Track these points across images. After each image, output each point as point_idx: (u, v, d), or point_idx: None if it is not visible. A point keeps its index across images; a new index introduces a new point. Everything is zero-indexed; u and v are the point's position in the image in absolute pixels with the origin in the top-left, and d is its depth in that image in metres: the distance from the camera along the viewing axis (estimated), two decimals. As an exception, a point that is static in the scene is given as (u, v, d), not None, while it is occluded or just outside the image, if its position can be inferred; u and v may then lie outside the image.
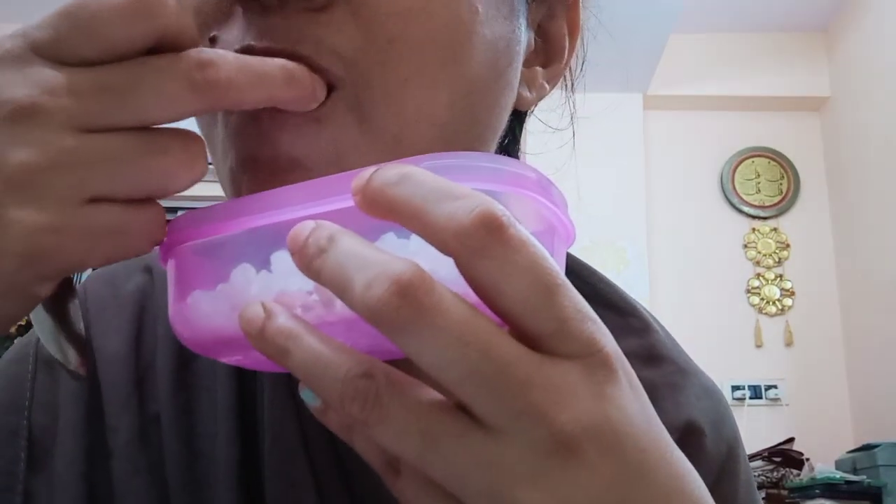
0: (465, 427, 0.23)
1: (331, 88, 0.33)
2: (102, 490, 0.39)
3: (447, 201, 0.23)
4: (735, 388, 2.91)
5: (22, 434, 0.41)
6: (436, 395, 0.24)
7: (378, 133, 0.34)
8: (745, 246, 3.13)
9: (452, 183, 0.23)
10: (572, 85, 0.50)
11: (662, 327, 0.52)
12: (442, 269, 0.24)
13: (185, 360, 0.42)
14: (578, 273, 0.52)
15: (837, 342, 3.00)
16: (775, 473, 2.57)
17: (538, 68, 0.43)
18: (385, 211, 0.23)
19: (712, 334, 2.91)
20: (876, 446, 2.37)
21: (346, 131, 0.33)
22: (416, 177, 0.23)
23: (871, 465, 2.35)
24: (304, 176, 0.32)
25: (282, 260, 0.27)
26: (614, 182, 3.01)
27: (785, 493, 2.49)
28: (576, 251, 0.48)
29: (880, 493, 2.28)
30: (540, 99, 0.44)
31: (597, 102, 0.58)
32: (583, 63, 0.50)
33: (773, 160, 3.22)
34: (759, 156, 3.23)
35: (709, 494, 0.27)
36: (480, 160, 0.25)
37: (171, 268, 0.30)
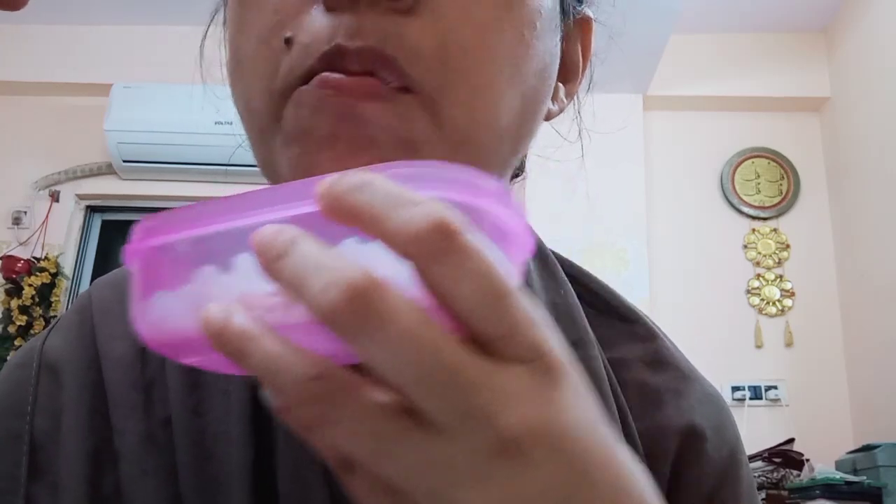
0: (414, 428, 0.24)
1: (407, 89, 0.36)
2: (107, 492, 0.39)
3: (404, 208, 0.23)
4: (735, 388, 2.91)
5: (24, 438, 0.41)
6: (388, 396, 0.24)
7: (449, 132, 0.37)
8: (745, 246, 3.13)
9: (410, 191, 0.24)
10: (579, 104, 0.53)
11: (665, 335, 0.52)
12: (400, 274, 0.24)
13: None
14: (582, 281, 0.53)
15: (837, 343, 2.99)
16: (775, 474, 2.57)
17: (560, 84, 0.47)
18: (346, 216, 0.24)
19: (712, 335, 2.91)
20: (876, 447, 2.37)
21: (421, 126, 0.36)
22: (376, 184, 0.24)
23: (871, 465, 2.35)
24: (378, 156, 0.35)
25: (246, 262, 0.27)
26: (614, 183, 3.01)
27: (785, 493, 2.49)
28: (576, 252, 0.48)
29: (880, 493, 2.28)
30: (560, 112, 0.48)
31: (597, 103, 0.58)
32: (590, 84, 0.52)
33: (773, 161, 3.22)
34: (759, 156, 3.23)
35: (657, 496, 0.28)
36: (441, 170, 0.26)
37: (135, 268, 0.30)
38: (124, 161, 3.05)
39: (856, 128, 2.97)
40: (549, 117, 0.46)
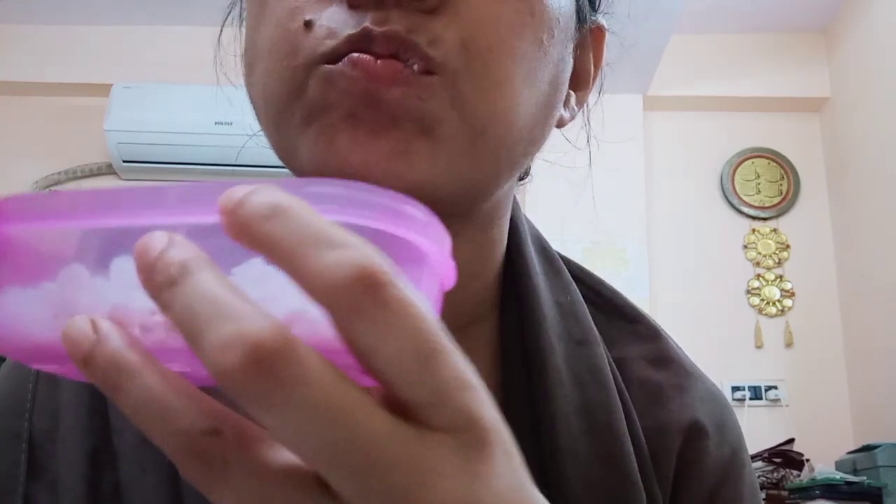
0: (318, 502, 0.21)
1: (430, 72, 0.36)
2: (106, 491, 0.39)
3: (323, 249, 0.20)
4: (735, 388, 2.90)
5: (23, 437, 0.41)
6: (290, 458, 0.22)
7: (469, 117, 0.37)
8: (745, 247, 3.13)
9: (331, 226, 0.21)
10: (588, 111, 0.53)
11: (668, 335, 0.53)
12: (313, 308, 0.21)
13: None
14: (586, 282, 0.53)
15: (838, 343, 2.99)
16: (775, 474, 2.57)
17: (571, 92, 0.47)
18: (254, 244, 0.21)
19: (712, 335, 2.91)
20: (876, 447, 2.37)
21: (441, 106, 0.36)
22: (292, 214, 0.21)
23: (872, 465, 2.34)
24: (397, 138, 0.35)
25: (124, 268, 0.23)
26: (614, 183, 3.01)
27: (785, 493, 2.49)
28: (576, 252, 0.48)
29: (880, 494, 2.28)
30: (571, 120, 0.48)
31: (593, 99, 0.59)
32: (600, 92, 0.53)
33: (773, 161, 3.22)
34: (759, 157, 3.22)
35: None
36: (363, 193, 0.23)
37: None
38: (124, 161, 3.04)
39: (856, 128, 2.96)
40: (560, 124, 0.47)
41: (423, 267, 0.24)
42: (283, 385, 0.19)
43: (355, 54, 0.35)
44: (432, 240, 0.24)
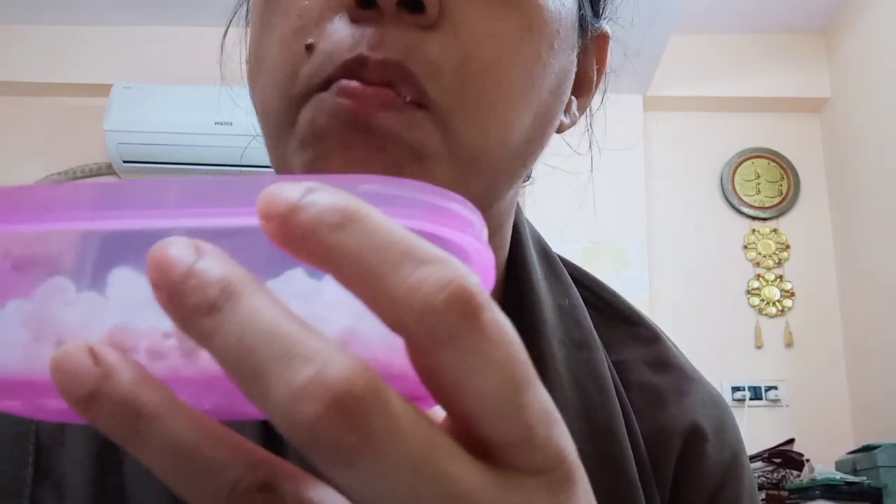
0: None
1: (422, 106, 0.36)
2: (111, 493, 0.40)
3: (408, 266, 0.17)
4: (735, 389, 2.90)
5: (30, 439, 0.41)
6: None
7: (460, 148, 0.37)
8: (745, 247, 3.13)
9: (414, 238, 0.18)
10: (591, 117, 0.54)
11: (668, 338, 0.53)
12: (364, 325, 0.18)
13: None
14: (586, 285, 0.54)
15: (838, 343, 2.99)
16: (775, 474, 2.57)
17: (573, 97, 0.47)
18: (315, 258, 0.18)
19: (712, 335, 2.91)
20: (876, 447, 2.37)
21: (432, 140, 0.36)
22: (367, 222, 0.17)
23: (872, 466, 2.34)
24: (388, 162, 0.35)
25: (125, 282, 0.19)
26: (614, 183, 3.01)
27: (785, 494, 2.49)
28: (576, 253, 0.49)
29: (880, 494, 2.28)
30: (572, 126, 0.48)
31: (596, 103, 0.59)
32: (603, 97, 0.53)
33: (773, 161, 3.22)
34: (758, 157, 3.22)
35: None
36: (401, 188, 0.19)
37: None
38: (124, 161, 3.04)
39: (856, 128, 2.96)
40: (560, 130, 0.47)
41: (481, 271, 0.21)
42: (373, 438, 0.16)
43: (344, 81, 0.35)
44: (478, 238, 0.21)
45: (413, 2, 0.35)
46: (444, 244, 0.19)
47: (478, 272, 0.21)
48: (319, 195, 0.18)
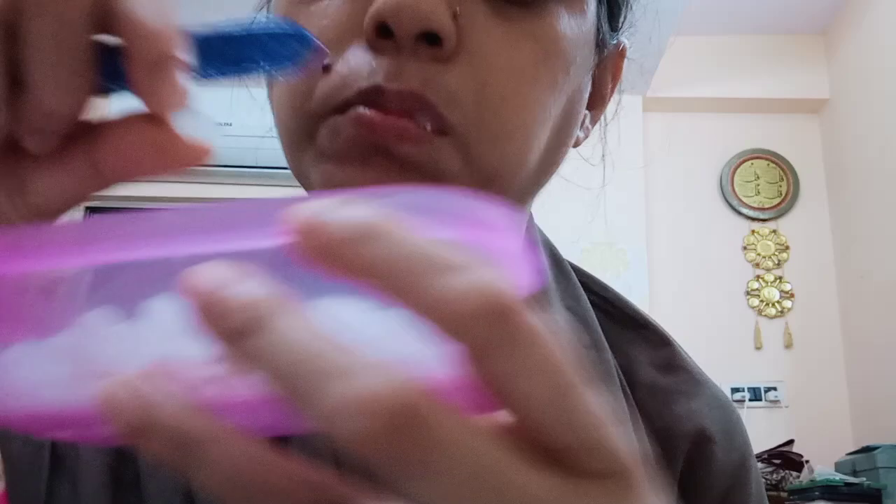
0: None
1: (442, 132, 0.36)
2: (128, 480, 0.40)
3: (438, 273, 0.17)
4: (735, 390, 2.90)
5: None
6: None
7: (479, 169, 0.37)
8: (745, 248, 3.13)
9: (441, 244, 0.18)
10: (605, 128, 0.54)
11: (676, 342, 0.54)
12: (413, 338, 0.18)
13: None
14: (594, 289, 0.54)
15: (837, 344, 2.99)
16: (775, 475, 2.57)
17: (586, 111, 0.47)
18: (348, 271, 0.18)
19: (712, 336, 2.91)
20: (875, 448, 2.37)
21: (452, 164, 0.36)
22: (394, 232, 0.18)
23: (871, 467, 2.35)
24: (408, 179, 0.35)
25: (165, 311, 0.19)
26: (614, 184, 3.01)
27: (784, 495, 2.49)
28: (576, 254, 0.49)
29: (880, 495, 2.28)
30: (586, 138, 0.49)
31: (610, 113, 0.59)
32: (617, 107, 0.54)
33: (773, 162, 3.22)
34: (758, 158, 3.23)
35: None
36: (446, 200, 0.19)
37: None
38: (124, 162, 3.04)
39: (855, 129, 2.97)
40: (575, 144, 0.47)
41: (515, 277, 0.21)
42: (431, 452, 0.17)
43: (362, 109, 0.35)
44: (513, 243, 0.21)
45: (431, 36, 0.35)
46: (482, 250, 0.19)
47: (515, 276, 0.21)
48: (346, 210, 0.18)
